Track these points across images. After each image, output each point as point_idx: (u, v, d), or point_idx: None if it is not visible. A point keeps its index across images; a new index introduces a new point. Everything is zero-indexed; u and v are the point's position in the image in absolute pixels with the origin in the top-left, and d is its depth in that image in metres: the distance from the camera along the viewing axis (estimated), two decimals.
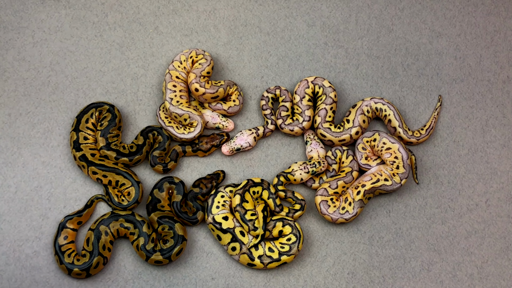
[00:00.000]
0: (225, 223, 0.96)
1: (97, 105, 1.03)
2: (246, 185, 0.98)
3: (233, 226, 0.96)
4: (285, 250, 0.96)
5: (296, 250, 0.96)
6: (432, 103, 1.08)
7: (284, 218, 0.98)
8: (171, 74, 1.04)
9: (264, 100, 1.05)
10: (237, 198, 0.97)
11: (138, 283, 0.97)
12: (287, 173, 1.00)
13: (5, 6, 1.09)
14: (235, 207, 0.97)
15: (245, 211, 0.96)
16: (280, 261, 0.96)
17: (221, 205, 0.98)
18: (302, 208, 0.99)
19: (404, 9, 1.13)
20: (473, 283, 0.99)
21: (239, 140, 1.02)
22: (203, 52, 1.05)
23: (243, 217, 0.96)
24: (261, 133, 1.04)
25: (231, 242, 0.96)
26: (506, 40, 1.12)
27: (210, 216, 0.97)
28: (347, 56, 1.10)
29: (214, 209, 0.98)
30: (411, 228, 1.02)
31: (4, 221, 0.99)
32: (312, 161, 1.01)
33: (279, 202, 0.99)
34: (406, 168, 1.00)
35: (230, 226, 0.96)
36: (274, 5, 1.12)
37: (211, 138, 1.02)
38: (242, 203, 0.97)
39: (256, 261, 0.95)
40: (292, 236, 0.97)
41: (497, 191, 1.04)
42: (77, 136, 1.01)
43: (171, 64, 1.05)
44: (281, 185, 1.00)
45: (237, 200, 0.97)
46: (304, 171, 1.00)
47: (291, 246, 0.96)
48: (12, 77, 1.06)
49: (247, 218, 0.96)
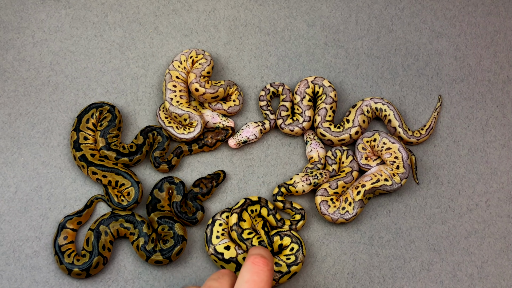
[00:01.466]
0: (227, 253, 0.95)
1: (97, 105, 1.03)
2: (243, 204, 0.97)
3: (235, 255, 0.95)
4: (292, 261, 0.95)
5: (302, 257, 0.96)
6: (432, 103, 1.08)
7: (280, 231, 0.97)
8: (171, 74, 1.04)
9: (264, 92, 1.05)
10: (234, 217, 0.96)
11: (138, 283, 0.97)
12: (288, 185, 1.00)
13: (5, 6, 1.09)
14: (231, 226, 0.95)
15: (241, 230, 0.95)
16: (291, 273, 0.95)
17: (220, 235, 0.96)
18: (303, 217, 0.99)
19: (404, 9, 1.13)
20: (473, 283, 0.99)
21: (245, 132, 1.02)
22: (203, 52, 1.05)
23: (240, 236, 0.95)
24: (267, 127, 1.03)
25: (237, 271, 0.95)
26: (506, 40, 1.12)
27: (211, 247, 0.96)
28: (347, 56, 1.10)
29: (214, 239, 0.96)
30: (411, 228, 1.02)
31: (4, 221, 0.99)
32: (314, 173, 1.00)
33: (279, 217, 0.99)
34: (406, 168, 1.00)
35: (232, 256, 0.95)
36: (274, 5, 1.12)
37: (216, 133, 1.03)
38: (239, 222, 0.96)
39: None
40: (294, 245, 0.96)
41: (497, 191, 1.04)
42: (77, 136, 1.01)
43: (171, 64, 1.05)
44: (281, 196, 1.00)
45: (234, 219, 0.96)
46: (306, 183, 0.99)
47: (296, 255, 0.96)
48: (12, 77, 1.06)
49: (244, 237, 0.95)
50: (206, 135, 1.02)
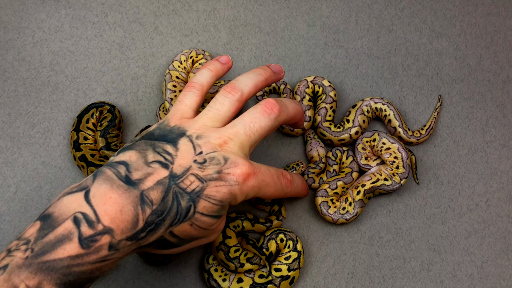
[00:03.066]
0: (244, 283, 0.94)
1: (98, 105, 1.03)
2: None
3: (252, 281, 0.94)
4: (293, 258, 0.95)
5: (300, 247, 0.96)
6: (432, 103, 1.08)
7: (273, 231, 0.97)
8: (171, 74, 1.04)
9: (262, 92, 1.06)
10: (220, 236, 0.95)
11: (138, 283, 0.97)
12: None
13: (5, 6, 1.09)
14: (218, 245, 0.94)
15: (228, 249, 0.94)
16: (299, 268, 0.95)
17: (224, 275, 0.95)
18: (279, 204, 0.99)
19: (404, 9, 1.13)
20: (473, 283, 0.99)
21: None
22: (203, 52, 1.05)
23: (227, 256, 0.94)
24: None
25: (263, 287, 0.94)
26: (506, 40, 1.12)
27: None
28: (347, 56, 1.10)
29: (223, 283, 0.94)
30: (411, 228, 1.01)
31: (4, 221, 0.99)
32: (291, 165, 1.01)
33: (263, 220, 0.98)
34: (406, 168, 1.00)
35: (250, 283, 0.93)
36: (274, 5, 1.12)
37: None
38: (225, 240, 0.95)
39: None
40: (289, 242, 0.96)
41: (497, 191, 1.04)
42: (77, 136, 1.01)
43: (171, 64, 1.05)
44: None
45: (220, 238, 0.95)
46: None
47: (294, 249, 0.96)
48: (12, 77, 1.06)
49: (231, 257, 0.94)
50: None
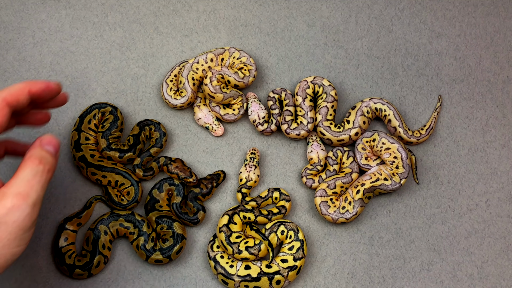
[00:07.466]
0: (251, 271, 0.94)
1: (100, 106, 1.03)
2: (236, 208, 0.98)
3: (259, 269, 0.94)
4: (297, 247, 0.95)
5: (302, 235, 0.96)
6: (432, 103, 1.08)
7: (271, 226, 0.97)
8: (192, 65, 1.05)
9: (271, 101, 1.05)
10: (225, 218, 0.96)
11: (138, 283, 0.97)
12: (242, 185, 1.00)
13: (5, 6, 1.09)
14: (221, 227, 0.95)
15: (230, 233, 0.95)
16: (303, 257, 0.95)
17: (231, 261, 0.95)
18: (286, 199, 0.99)
19: (404, 9, 1.13)
20: (473, 283, 0.99)
21: (254, 106, 1.04)
22: (251, 63, 1.06)
23: (227, 239, 0.94)
24: (274, 127, 1.03)
25: (270, 283, 0.94)
26: (506, 40, 1.12)
27: (234, 277, 0.94)
28: (347, 56, 1.10)
29: (230, 269, 0.94)
30: (411, 228, 1.01)
31: None
32: (248, 157, 1.01)
33: (265, 212, 0.99)
34: (406, 168, 1.00)
35: (258, 271, 0.94)
36: (274, 5, 1.12)
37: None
38: (229, 224, 0.96)
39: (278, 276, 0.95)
40: (290, 232, 0.97)
41: (497, 191, 1.04)
42: (78, 136, 1.01)
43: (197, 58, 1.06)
44: (246, 196, 1.00)
45: (225, 220, 0.96)
46: (252, 170, 1.00)
47: (296, 238, 0.96)
48: (12, 77, 1.06)
49: (232, 241, 0.94)
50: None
